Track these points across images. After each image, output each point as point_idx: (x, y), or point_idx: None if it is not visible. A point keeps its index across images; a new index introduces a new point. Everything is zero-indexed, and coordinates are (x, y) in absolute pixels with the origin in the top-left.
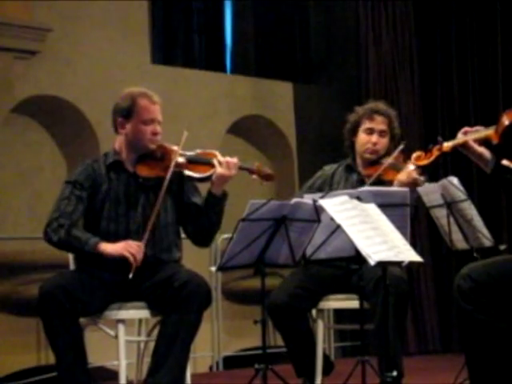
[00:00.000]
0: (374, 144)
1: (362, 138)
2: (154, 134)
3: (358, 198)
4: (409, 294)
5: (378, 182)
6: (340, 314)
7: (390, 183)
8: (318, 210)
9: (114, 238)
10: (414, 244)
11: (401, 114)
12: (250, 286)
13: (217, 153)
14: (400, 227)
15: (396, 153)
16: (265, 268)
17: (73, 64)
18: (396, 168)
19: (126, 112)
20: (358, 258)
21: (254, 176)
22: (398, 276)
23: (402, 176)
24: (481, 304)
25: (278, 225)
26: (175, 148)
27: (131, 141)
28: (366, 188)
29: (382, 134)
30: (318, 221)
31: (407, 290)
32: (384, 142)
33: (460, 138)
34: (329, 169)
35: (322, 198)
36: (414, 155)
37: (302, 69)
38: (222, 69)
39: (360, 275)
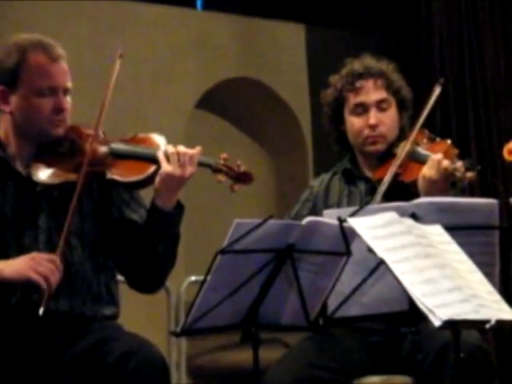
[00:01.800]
0: (374, 127)
1: (352, 122)
2: (59, 110)
3: (413, 216)
4: (494, 373)
5: (399, 187)
6: None
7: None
8: (348, 236)
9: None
10: (506, 291)
11: (486, 85)
12: (234, 361)
13: (161, 139)
14: (482, 264)
15: (415, 131)
16: (259, 332)
17: None
18: (421, 158)
19: (10, 76)
20: (411, 314)
21: (220, 176)
22: (477, 345)
23: (427, 170)
24: None
25: (280, 260)
26: (91, 132)
27: (21, 124)
28: (427, 199)
29: (380, 105)
30: (348, 253)
31: (492, 367)
32: (389, 116)
33: None
34: (319, 184)
35: (352, 215)
36: (507, 147)
37: (319, 4)
38: (191, 3)
39: (415, 343)
